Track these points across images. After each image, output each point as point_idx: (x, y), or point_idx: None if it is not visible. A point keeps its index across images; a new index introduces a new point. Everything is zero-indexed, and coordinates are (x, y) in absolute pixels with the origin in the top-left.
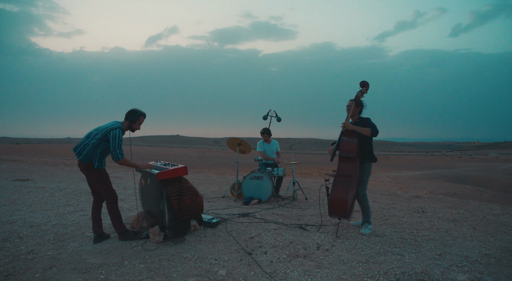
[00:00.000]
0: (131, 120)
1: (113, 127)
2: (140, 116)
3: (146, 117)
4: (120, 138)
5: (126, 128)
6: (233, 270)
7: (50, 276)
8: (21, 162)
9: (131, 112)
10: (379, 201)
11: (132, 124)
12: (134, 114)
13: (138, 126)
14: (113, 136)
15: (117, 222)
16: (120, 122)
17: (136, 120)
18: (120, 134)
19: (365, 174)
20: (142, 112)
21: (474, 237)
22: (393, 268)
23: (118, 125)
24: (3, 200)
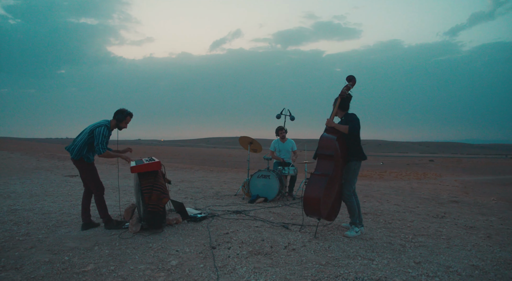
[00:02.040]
0: (118, 119)
1: (99, 125)
2: (127, 115)
3: (206, 119)
4: (105, 135)
5: (114, 126)
6: (185, 262)
7: (25, 255)
8: None
9: (119, 112)
10: (400, 204)
11: (119, 123)
12: (121, 114)
13: (125, 125)
14: (97, 133)
15: (102, 212)
16: (108, 121)
17: (123, 119)
18: (105, 131)
19: (350, 172)
20: (129, 112)
21: (476, 246)
22: (349, 273)
23: (104, 123)
24: (39, 191)
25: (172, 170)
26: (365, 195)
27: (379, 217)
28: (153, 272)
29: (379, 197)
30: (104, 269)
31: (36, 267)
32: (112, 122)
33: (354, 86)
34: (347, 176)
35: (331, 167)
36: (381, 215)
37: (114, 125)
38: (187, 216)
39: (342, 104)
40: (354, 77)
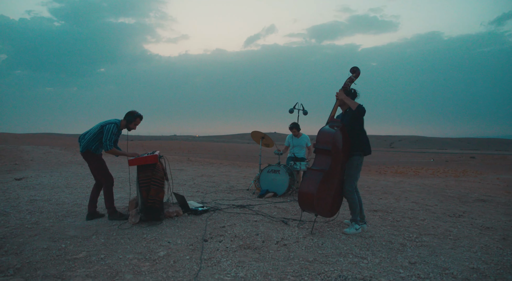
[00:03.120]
0: (128, 120)
1: (109, 122)
2: (136, 117)
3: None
4: (113, 133)
5: (123, 126)
6: (173, 253)
7: (28, 241)
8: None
9: (129, 113)
10: (418, 202)
11: (128, 124)
12: (131, 115)
13: (134, 126)
14: (107, 130)
15: (108, 203)
16: (118, 120)
17: (133, 121)
18: (114, 129)
19: (353, 168)
20: (139, 114)
21: (484, 248)
22: (334, 271)
23: (115, 121)
24: (62, 183)
25: (198, 165)
26: (384, 192)
27: (389, 214)
28: (139, 262)
29: (398, 194)
30: (94, 257)
31: (34, 253)
32: (122, 122)
33: (358, 78)
34: (349, 171)
35: (328, 162)
36: (392, 212)
37: (124, 125)
38: (188, 209)
39: (351, 94)
40: (358, 69)
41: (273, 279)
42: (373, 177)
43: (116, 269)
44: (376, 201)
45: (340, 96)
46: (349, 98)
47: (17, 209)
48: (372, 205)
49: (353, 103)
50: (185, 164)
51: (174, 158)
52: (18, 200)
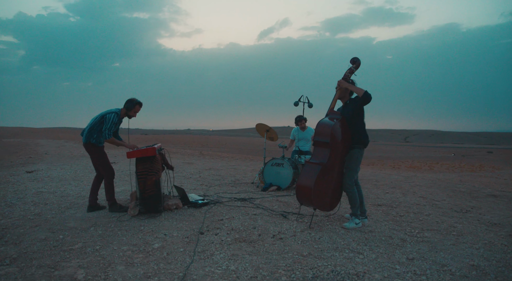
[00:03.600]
0: (127, 108)
1: (110, 112)
2: (135, 105)
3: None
4: (114, 122)
5: (123, 115)
6: (167, 245)
7: (28, 232)
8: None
9: (128, 101)
10: (426, 197)
11: (128, 112)
12: (130, 103)
13: (134, 114)
14: (107, 119)
15: (108, 195)
16: (119, 109)
17: (132, 108)
18: (115, 118)
19: (353, 161)
20: (138, 101)
21: (488, 245)
22: (327, 265)
23: (115, 110)
24: (70, 176)
25: (209, 159)
26: (392, 187)
27: (393, 209)
28: (132, 253)
29: (407, 189)
30: (90, 248)
31: (32, 243)
32: (122, 111)
33: (358, 69)
34: (349, 164)
35: (326, 155)
36: (396, 207)
37: (124, 113)
38: (188, 202)
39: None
40: (359, 60)
41: (263, 273)
42: (385, 171)
43: (109, 260)
44: (382, 195)
45: (343, 85)
46: (352, 85)
47: (23, 200)
48: (378, 199)
49: (359, 89)
50: (195, 158)
51: (186, 152)
52: (25, 192)
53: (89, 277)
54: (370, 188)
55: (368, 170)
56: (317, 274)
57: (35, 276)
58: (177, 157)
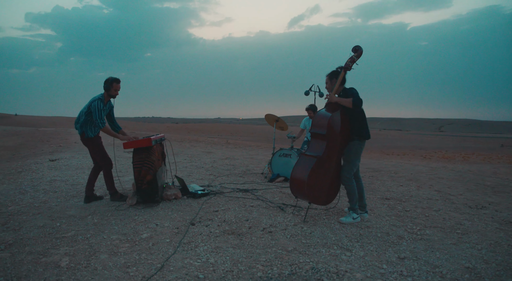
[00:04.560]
0: (106, 88)
1: (93, 100)
2: (112, 82)
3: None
4: (100, 109)
5: (107, 97)
6: (155, 235)
7: (29, 219)
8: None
9: (104, 82)
10: (441, 191)
11: (108, 92)
12: (106, 83)
13: (115, 92)
14: (93, 108)
15: (109, 185)
16: (101, 94)
17: (110, 88)
18: (100, 105)
19: (351, 153)
20: (114, 78)
21: (493, 246)
22: (309, 262)
23: (97, 97)
24: (86, 165)
25: (232, 148)
26: (409, 179)
27: (401, 203)
28: (120, 242)
29: (424, 181)
30: (81, 236)
31: (30, 230)
32: (104, 94)
33: (359, 58)
34: (348, 157)
35: (322, 147)
36: (405, 201)
37: (107, 96)
38: (187, 192)
39: (337, 75)
40: (361, 48)
41: (241, 267)
42: (412, 162)
43: (96, 249)
44: (395, 188)
45: (332, 100)
46: (341, 98)
47: (35, 188)
48: (388, 192)
49: (346, 101)
50: (219, 146)
51: (213, 140)
52: (41, 180)
53: (71, 265)
54: (384, 181)
55: (393, 160)
56: (295, 271)
57: (24, 261)
58: (200, 146)
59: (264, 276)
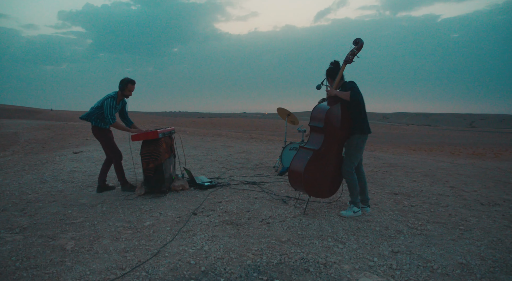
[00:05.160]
0: (120, 88)
1: (107, 97)
2: (127, 83)
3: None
4: (112, 106)
5: (120, 96)
6: (157, 224)
7: (45, 206)
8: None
9: (120, 82)
10: (456, 187)
11: (122, 91)
12: (122, 83)
13: (128, 93)
14: (106, 105)
15: (119, 176)
16: (115, 92)
17: (125, 88)
18: (112, 102)
19: (352, 147)
20: (130, 80)
21: (494, 243)
22: (299, 253)
23: (111, 94)
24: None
25: (253, 142)
26: (424, 175)
27: (409, 199)
28: (123, 229)
29: (440, 177)
30: (88, 222)
31: (43, 216)
32: (118, 93)
33: (360, 51)
34: (348, 150)
35: (319, 141)
36: (414, 197)
37: (121, 94)
38: (194, 184)
39: (334, 72)
40: (362, 40)
41: (232, 255)
42: (435, 158)
43: (100, 234)
44: (406, 183)
45: (331, 93)
46: (340, 92)
47: (55, 178)
48: (398, 187)
49: (344, 94)
50: (240, 141)
51: (236, 135)
52: (61, 171)
53: (76, 248)
54: (398, 176)
55: (416, 156)
56: (283, 261)
57: (34, 244)
58: (221, 140)
59: (252, 264)
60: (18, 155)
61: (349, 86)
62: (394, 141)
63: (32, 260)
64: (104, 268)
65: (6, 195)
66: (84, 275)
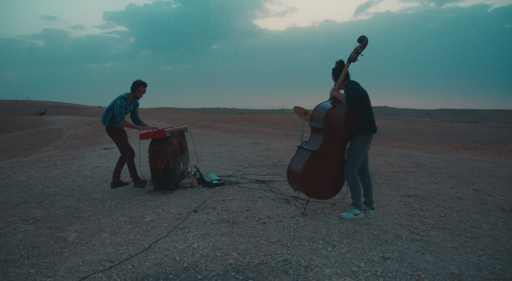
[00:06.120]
0: (132, 90)
1: (118, 98)
2: (139, 86)
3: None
4: (122, 106)
5: (132, 97)
6: (158, 220)
7: (60, 199)
8: (215, 129)
9: (133, 84)
10: (480, 190)
11: (134, 93)
12: (134, 85)
13: (140, 94)
14: (116, 105)
15: (132, 172)
16: (127, 93)
17: (136, 89)
18: (123, 103)
19: (354, 148)
20: (141, 82)
21: (501, 252)
22: (284, 254)
23: (123, 95)
24: None
25: (282, 139)
26: (450, 176)
27: (422, 201)
28: (124, 224)
29: (466, 179)
30: (95, 216)
31: (57, 209)
32: (130, 94)
33: (364, 49)
34: (350, 151)
35: (319, 141)
36: (429, 199)
37: (132, 96)
38: (203, 181)
39: (338, 71)
40: (366, 38)
41: (218, 253)
42: (476, 158)
43: (101, 228)
44: (426, 185)
45: (331, 94)
46: (339, 93)
47: (78, 173)
48: (414, 189)
49: (341, 96)
50: (271, 137)
51: (271, 132)
52: (86, 166)
53: (76, 240)
54: (419, 177)
55: (452, 155)
56: (265, 261)
57: (42, 234)
58: (252, 136)
59: (234, 263)
60: (57, 150)
61: (348, 86)
62: (436, 139)
63: (36, 250)
64: (95, 260)
65: (31, 188)
66: (76, 265)
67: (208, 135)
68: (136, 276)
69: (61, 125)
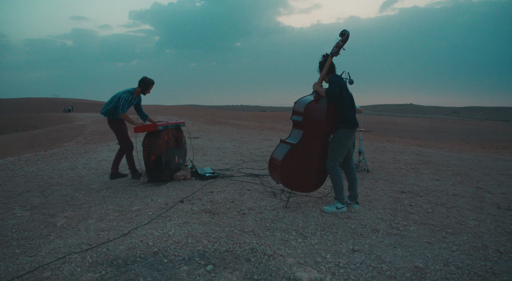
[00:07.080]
0: (143, 88)
1: (125, 91)
2: (150, 84)
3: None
4: (127, 100)
5: (138, 93)
6: (144, 208)
7: (61, 189)
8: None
9: (143, 81)
10: (482, 188)
11: (144, 91)
12: (145, 83)
13: (149, 91)
14: (122, 98)
15: (130, 165)
16: (133, 88)
17: (147, 88)
18: (129, 97)
19: (335, 142)
20: (153, 81)
21: (476, 249)
22: (253, 243)
23: (129, 90)
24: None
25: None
26: (456, 173)
27: (414, 197)
28: (112, 212)
29: (473, 176)
30: (87, 204)
31: (54, 197)
32: (137, 89)
33: (346, 43)
34: (331, 146)
35: (298, 135)
36: (422, 196)
37: (139, 91)
38: (197, 174)
39: (322, 65)
40: (347, 32)
41: (189, 240)
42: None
43: (90, 215)
44: (425, 182)
45: (313, 88)
46: (320, 87)
47: (84, 166)
48: (411, 186)
49: (321, 91)
50: (286, 134)
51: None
52: (93, 159)
53: (64, 225)
54: (423, 174)
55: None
56: (232, 249)
57: (35, 220)
58: (268, 133)
59: (202, 249)
60: (77, 145)
61: (329, 80)
62: (463, 137)
63: (26, 233)
64: (75, 243)
65: (37, 178)
66: (57, 247)
67: (223, 132)
68: (108, 258)
69: (85, 122)
